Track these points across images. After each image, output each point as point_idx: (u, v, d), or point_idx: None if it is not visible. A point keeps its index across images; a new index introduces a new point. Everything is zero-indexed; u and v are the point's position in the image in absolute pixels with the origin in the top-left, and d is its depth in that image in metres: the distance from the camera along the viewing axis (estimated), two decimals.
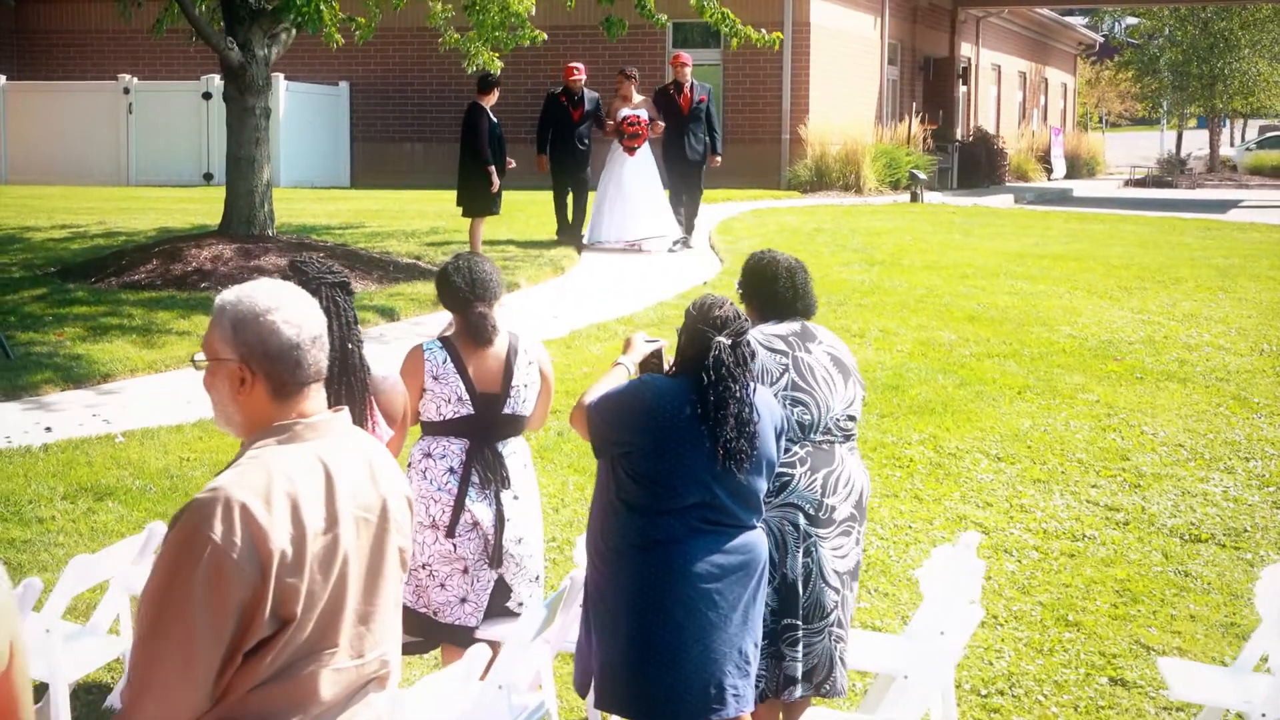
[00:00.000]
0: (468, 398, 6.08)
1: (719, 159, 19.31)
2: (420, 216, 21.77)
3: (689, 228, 19.15)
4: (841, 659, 5.82)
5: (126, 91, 30.81)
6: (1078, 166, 48.23)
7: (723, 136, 19.75)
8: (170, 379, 11.92)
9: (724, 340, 5.18)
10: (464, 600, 6.11)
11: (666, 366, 5.58)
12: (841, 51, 31.79)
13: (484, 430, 6.14)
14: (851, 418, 6.01)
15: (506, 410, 6.15)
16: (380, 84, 32.06)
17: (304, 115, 30.79)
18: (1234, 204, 33.93)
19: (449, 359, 6.12)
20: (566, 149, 18.80)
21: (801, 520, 5.73)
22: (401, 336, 13.53)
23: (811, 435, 5.79)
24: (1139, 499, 9.60)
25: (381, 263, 16.40)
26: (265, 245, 15.84)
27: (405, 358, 6.16)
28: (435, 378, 6.10)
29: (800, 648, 5.73)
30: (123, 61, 32.59)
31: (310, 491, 3.31)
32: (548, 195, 19.61)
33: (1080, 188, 40.84)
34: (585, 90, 19.00)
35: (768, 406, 5.32)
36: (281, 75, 29.48)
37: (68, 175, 29.97)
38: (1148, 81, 55.74)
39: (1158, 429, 11.02)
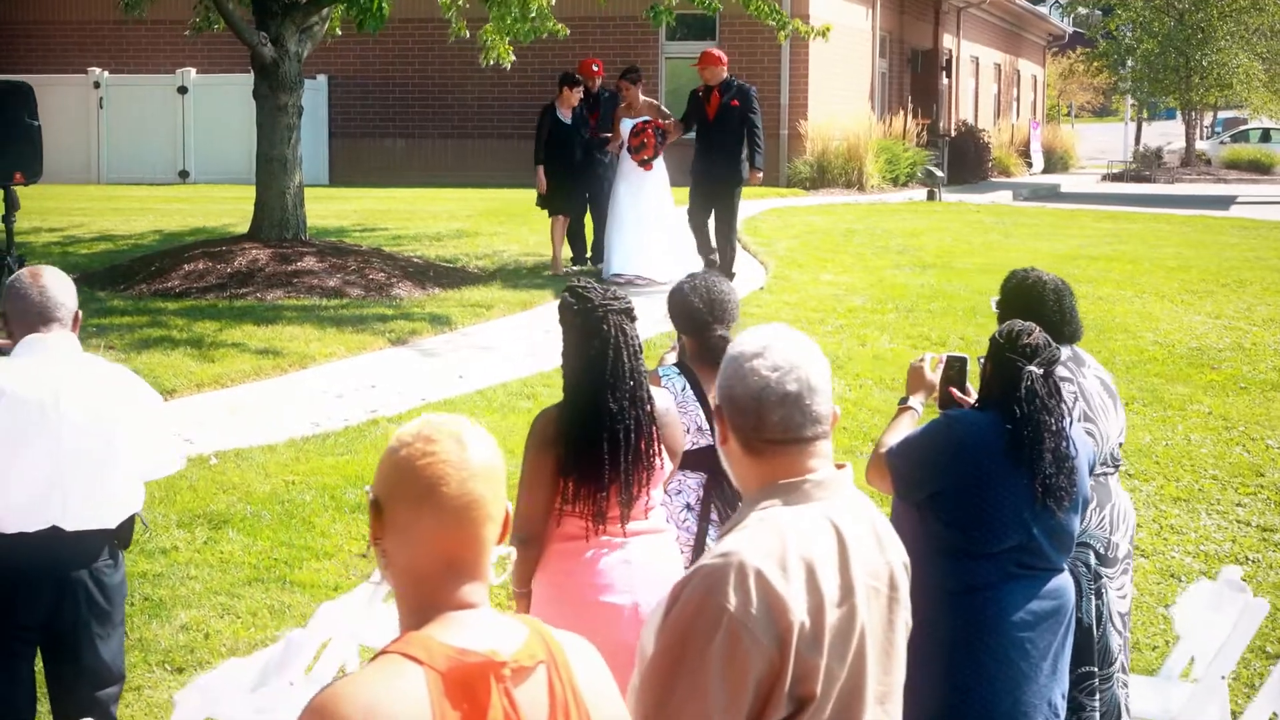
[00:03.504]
0: (708, 428, 5.82)
1: (759, 175, 16.15)
2: (432, 217, 21.46)
3: (726, 261, 15.92)
4: (1126, 707, 5.63)
5: (97, 85, 30.28)
6: (1053, 160, 48.36)
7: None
8: (239, 395, 11.59)
9: (1035, 370, 4.95)
10: None
11: (968, 382, 5.35)
12: (837, 44, 31.57)
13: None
14: (1120, 445, 5.83)
15: None
16: (360, 78, 31.60)
17: None
18: (1231, 200, 34.03)
19: (688, 386, 5.86)
20: (578, 160, 16.59)
21: (1092, 560, 5.53)
22: (458, 348, 13.25)
23: (1093, 468, 5.59)
24: None
25: (421, 268, 16.08)
26: (300, 250, 15.51)
27: None
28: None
29: (1097, 697, 5.53)
30: (89, 53, 32.00)
31: (824, 557, 3.08)
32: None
33: (1064, 183, 40.90)
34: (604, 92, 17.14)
35: (1081, 440, 5.10)
36: None
37: None
38: (1125, 73, 55.87)
39: None
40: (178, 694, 5.64)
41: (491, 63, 17.42)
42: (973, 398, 5.32)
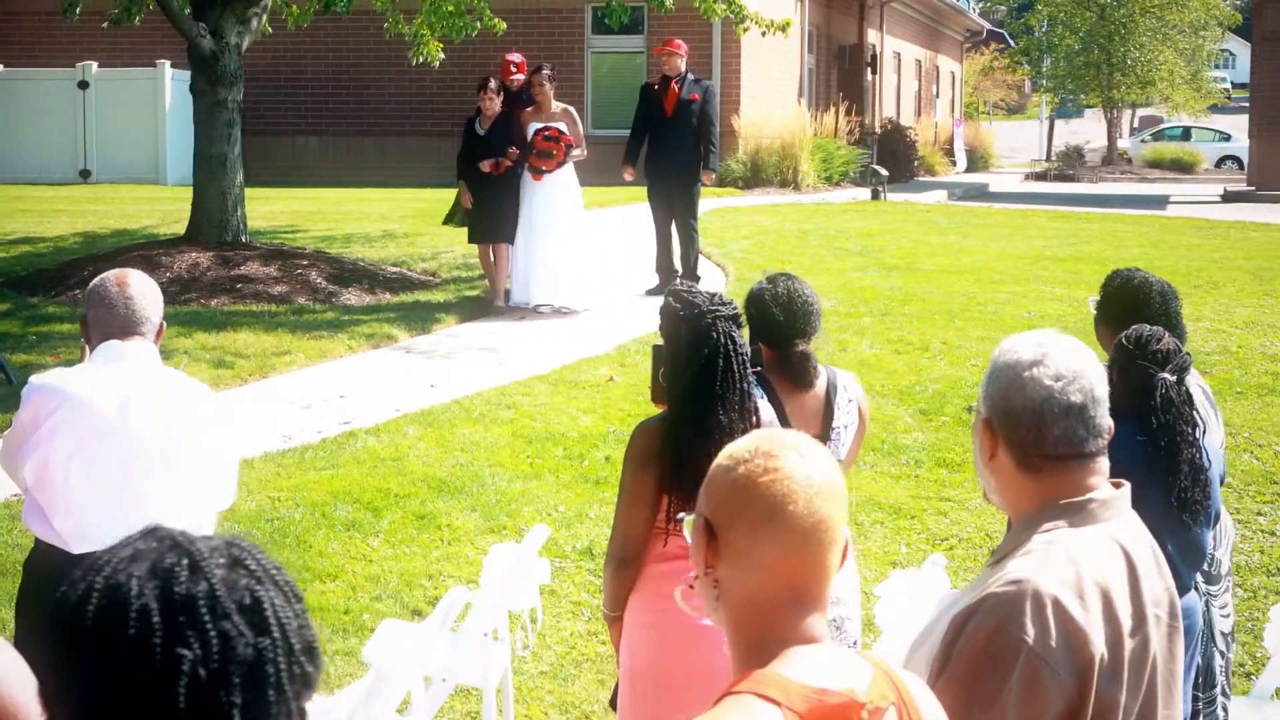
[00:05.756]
0: None
1: (713, 175, 15.89)
2: (365, 219, 21.19)
3: (689, 264, 15.56)
4: None
5: None
6: (974, 159, 48.74)
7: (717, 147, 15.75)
8: None
9: (1169, 377, 4.85)
10: None
11: None
12: (768, 39, 31.53)
13: None
14: (1220, 458, 5.74)
15: None
16: (270, 72, 31.09)
17: (189, 106, 29.78)
18: (1165, 199, 34.41)
19: (764, 396, 5.70)
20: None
21: (1199, 578, 5.43)
22: (423, 355, 13.04)
23: (1223, 479, 5.52)
24: None
25: (369, 271, 15.84)
26: (243, 253, 15.21)
27: None
28: None
29: None
30: None
31: (1118, 583, 2.97)
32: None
33: (992, 182, 41.23)
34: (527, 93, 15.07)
35: (1214, 451, 5.02)
36: (168, 63, 28.56)
37: None
38: (1045, 69, 56.40)
39: None
40: None
41: (421, 61, 17.03)
42: None
